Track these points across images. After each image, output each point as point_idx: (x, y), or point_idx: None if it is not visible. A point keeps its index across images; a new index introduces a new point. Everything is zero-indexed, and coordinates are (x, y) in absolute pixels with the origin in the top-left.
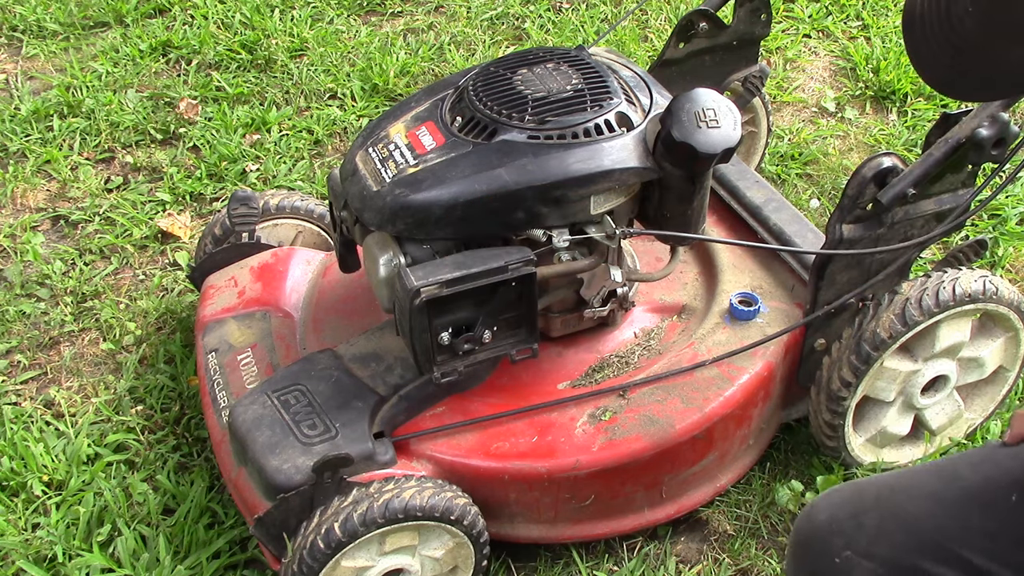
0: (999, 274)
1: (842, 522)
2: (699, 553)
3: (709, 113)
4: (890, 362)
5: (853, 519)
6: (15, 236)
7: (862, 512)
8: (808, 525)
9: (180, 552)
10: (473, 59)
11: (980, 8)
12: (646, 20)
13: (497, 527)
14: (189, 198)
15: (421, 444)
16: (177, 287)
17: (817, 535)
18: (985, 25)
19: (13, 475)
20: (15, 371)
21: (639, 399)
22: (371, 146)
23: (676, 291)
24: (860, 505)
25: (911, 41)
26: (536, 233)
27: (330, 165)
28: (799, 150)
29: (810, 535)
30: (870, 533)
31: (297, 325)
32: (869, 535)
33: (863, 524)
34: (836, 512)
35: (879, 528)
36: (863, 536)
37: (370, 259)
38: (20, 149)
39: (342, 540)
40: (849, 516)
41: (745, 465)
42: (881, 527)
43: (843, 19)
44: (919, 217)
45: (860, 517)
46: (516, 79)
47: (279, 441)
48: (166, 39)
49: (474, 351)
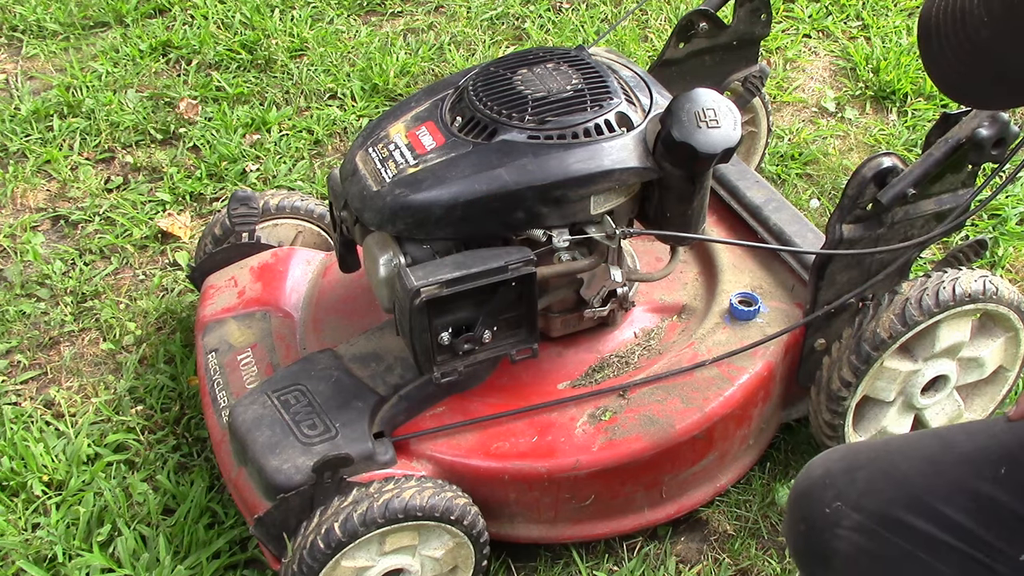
0: (999, 274)
1: (836, 476)
2: (699, 553)
3: (709, 113)
4: (890, 362)
5: (846, 474)
6: (15, 236)
7: (856, 468)
8: (805, 478)
9: (180, 552)
10: (473, 59)
11: (996, 18)
12: (646, 20)
13: (497, 527)
14: (189, 198)
15: (421, 444)
16: (177, 287)
17: (812, 487)
18: (1001, 34)
19: (13, 475)
20: (15, 371)
21: (639, 399)
22: (371, 146)
23: (676, 291)
24: (855, 462)
25: (927, 52)
26: (536, 233)
27: (330, 165)
28: (799, 150)
29: (806, 487)
30: (861, 487)
31: (297, 325)
32: (860, 489)
33: (855, 479)
34: (831, 467)
35: (869, 483)
36: (854, 490)
37: (370, 259)
38: (20, 149)
39: (342, 540)
40: (843, 471)
41: (745, 465)
42: (872, 482)
43: (843, 19)
44: (919, 217)
45: (853, 472)
46: (516, 79)
47: (279, 441)
48: (166, 39)
49: (474, 351)
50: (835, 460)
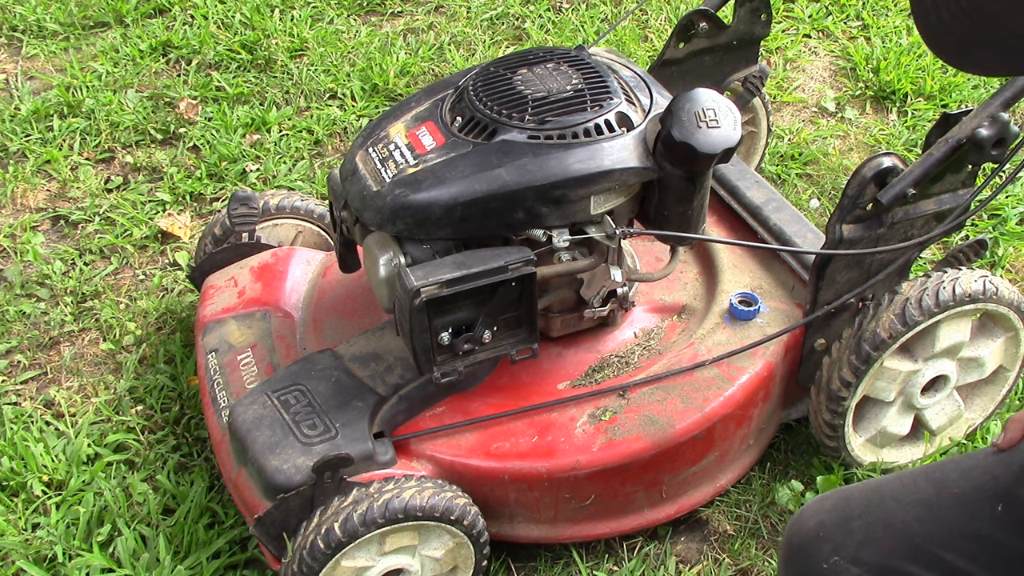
0: (999, 274)
1: (830, 528)
2: (699, 553)
3: (709, 113)
4: (890, 362)
5: (841, 525)
6: (15, 236)
7: (850, 518)
8: (797, 531)
9: (180, 552)
10: (473, 59)
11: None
12: (646, 20)
13: (497, 527)
14: (189, 198)
15: (421, 444)
16: (177, 287)
17: (806, 541)
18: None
19: (13, 475)
20: (15, 371)
21: (639, 399)
22: (371, 146)
23: (676, 291)
24: (848, 511)
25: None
26: (536, 233)
27: (330, 165)
28: (799, 150)
29: (799, 541)
30: (857, 539)
31: (297, 325)
32: (857, 541)
33: (851, 530)
34: (824, 518)
35: (867, 534)
36: (851, 542)
37: (370, 259)
38: (20, 149)
39: (342, 540)
40: (837, 522)
41: (745, 465)
42: (869, 533)
43: (843, 19)
44: (919, 217)
45: (848, 523)
46: (516, 79)
47: (279, 441)
48: (166, 39)
49: (474, 351)
50: (827, 510)
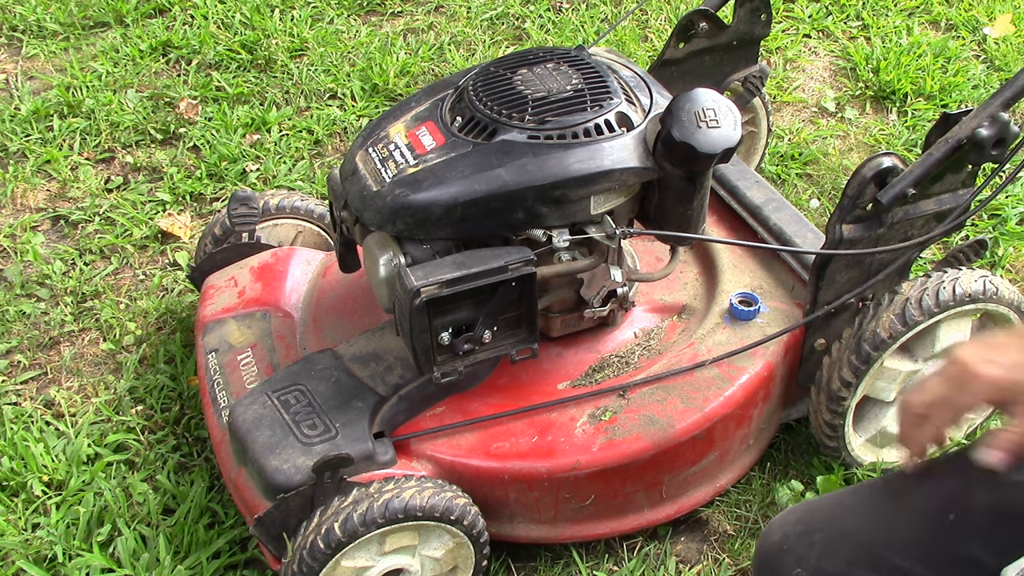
0: (999, 274)
1: (793, 541)
2: (699, 553)
3: (709, 113)
4: (890, 362)
5: (804, 537)
6: (15, 236)
7: (813, 531)
8: (764, 545)
9: (180, 552)
10: (473, 59)
11: None
12: (646, 20)
13: (497, 527)
14: (189, 198)
15: (421, 444)
16: (177, 287)
17: (772, 554)
18: None
19: (13, 475)
20: (15, 371)
21: (639, 399)
22: (371, 146)
23: (676, 291)
24: (811, 524)
25: None
26: (536, 233)
27: (330, 165)
28: (799, 150)
29: (765, 554)
30: (819, 550)
31: (297, 325)
32: (818, 552)
33: (813, 542)
34: (789, 531)
35: (827, 544)
36: (813, 553)
37: (370, 259)
38: (20, 149)
39: (342, 540)
40: (800, 535)
41: (745, 465)
42: (829, 543)
43: (843, 19)
44: (919, 217)
45: (811, 536)
46: (516, 79)
47: (279, 441)
48: (166, 39)
49: (474, 351)
50: (791, 523)
